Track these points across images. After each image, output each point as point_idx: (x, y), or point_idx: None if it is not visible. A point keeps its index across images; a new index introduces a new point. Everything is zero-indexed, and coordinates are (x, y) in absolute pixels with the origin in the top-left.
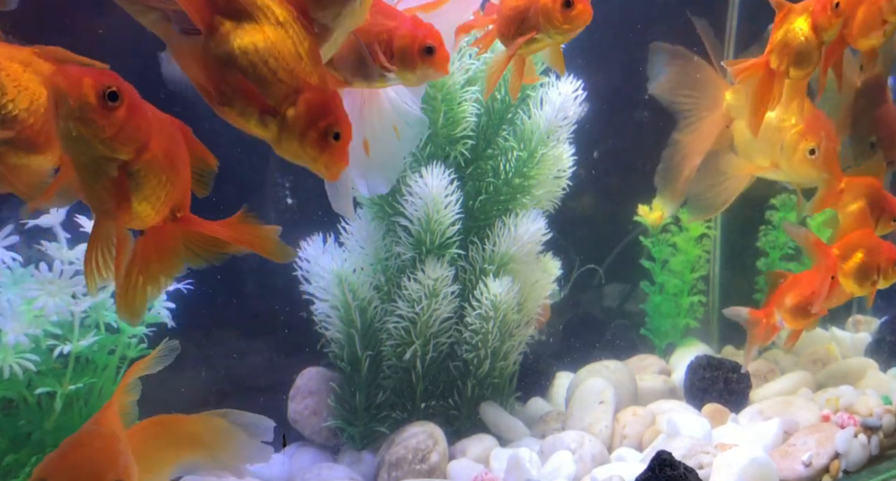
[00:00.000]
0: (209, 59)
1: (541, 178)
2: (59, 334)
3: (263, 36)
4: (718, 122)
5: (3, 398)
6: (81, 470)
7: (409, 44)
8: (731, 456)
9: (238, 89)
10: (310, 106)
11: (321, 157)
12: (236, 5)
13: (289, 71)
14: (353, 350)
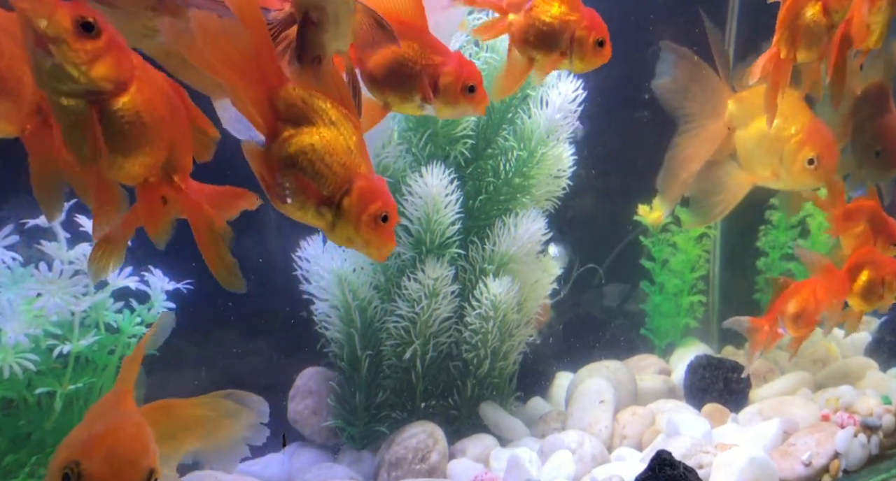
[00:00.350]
0: (273, 160)
1: (541, 178)
2: (59, 334)
3: (320, 136)
4: (720, 130)
5: (3, 398)
6: (117, 456)
7: (453, 81)
8: (730, 456)
9: (298, 186)
10: (361, 194)
11: (373, 240)
12: (296, 111)
13: (342, 164)
14: (353, 350)
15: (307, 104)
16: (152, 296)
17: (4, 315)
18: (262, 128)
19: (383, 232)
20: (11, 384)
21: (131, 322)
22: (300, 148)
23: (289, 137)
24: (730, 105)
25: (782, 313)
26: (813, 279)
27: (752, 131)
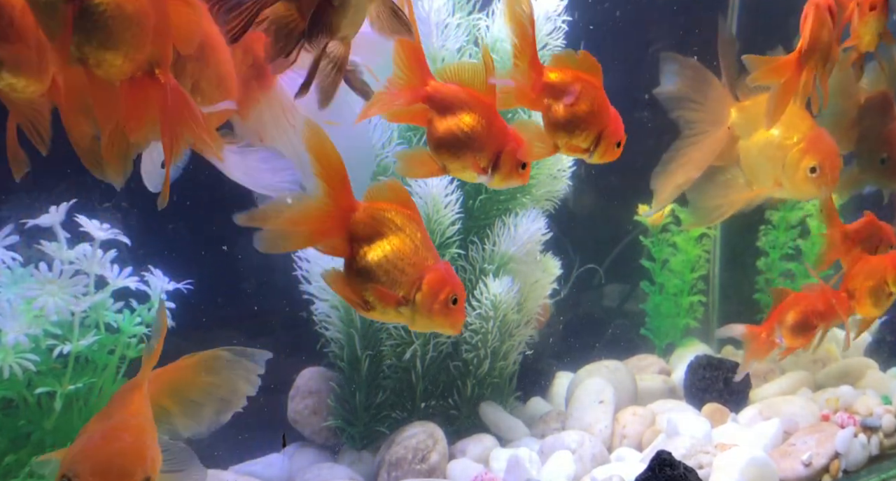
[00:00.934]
0: (353, 280)
1: (541, 178)
2: (59, 334)
3: (391, 246)
4: (722, 139)
5: (3, 398)
6: (112, 468)
7: (511, 161)
8: (731, 456)
9: (378, 296)
10: (432, 286)
11: (447, 322)
12: (366, 229)
13: (412, 265)
14: (352, 350)
15: (376, 219)
16: (152, 296)
17: (4, 315)
18: (341, 254)
19: (455, 312)
20: (11, 384)
21: (131, 322)
22: (376, 262)
23: (364, 255)
24: (733, 114)
25: (780, 323)
26: (812, 292)
27: (755, 140)
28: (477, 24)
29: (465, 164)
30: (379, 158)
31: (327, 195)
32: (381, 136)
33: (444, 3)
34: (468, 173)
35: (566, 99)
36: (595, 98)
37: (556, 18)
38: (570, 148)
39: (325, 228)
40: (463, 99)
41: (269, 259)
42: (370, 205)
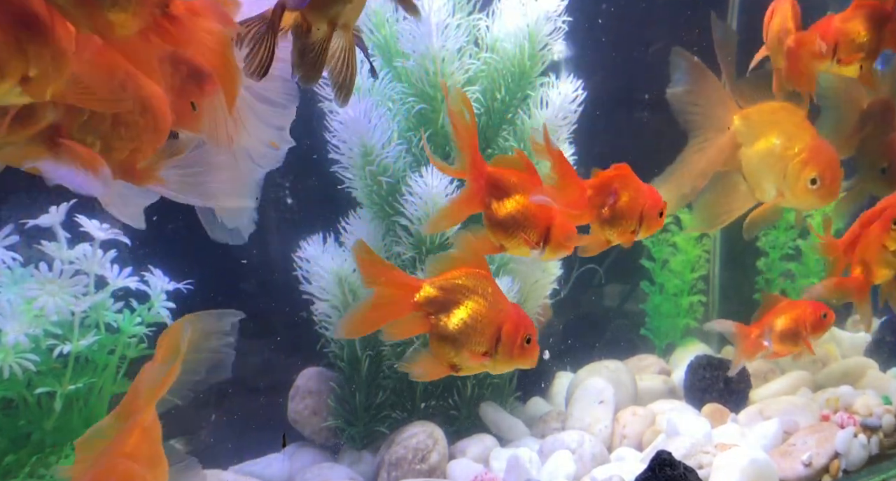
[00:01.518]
0: (438, 351)
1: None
2: (59, 334)
3: (466, 309)
4: (725, 148)
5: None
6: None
7: (561, 234)
8: (731, 456)
9: (464, 358)
10: (510, 336)
11: (526, 361)
12: (440, 302)
13: (489, 321)
14: (352, 350)
15: (446, 289)
16: (152, 296)
17: (4, 315)
18: (424, 328)
19: (531, 350)
20: (11, 384)
21: (131, 322)
22: (457, 329)
23: (445, 325)
24: (735, 121)
25: (771, 327)
26: (805, 302)
27: (757, 149)
28: (477, 24)
29: (521, 242)
30: (379, 158)
31: (392, 287)
32: (381, 137)
33: (444, 3)
34: (521, 250)
35: (609, 200)
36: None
37: (557, 19)
38: (620, 237)
39: (400, 311)
40: (517, 184)
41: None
42: (438, 279)
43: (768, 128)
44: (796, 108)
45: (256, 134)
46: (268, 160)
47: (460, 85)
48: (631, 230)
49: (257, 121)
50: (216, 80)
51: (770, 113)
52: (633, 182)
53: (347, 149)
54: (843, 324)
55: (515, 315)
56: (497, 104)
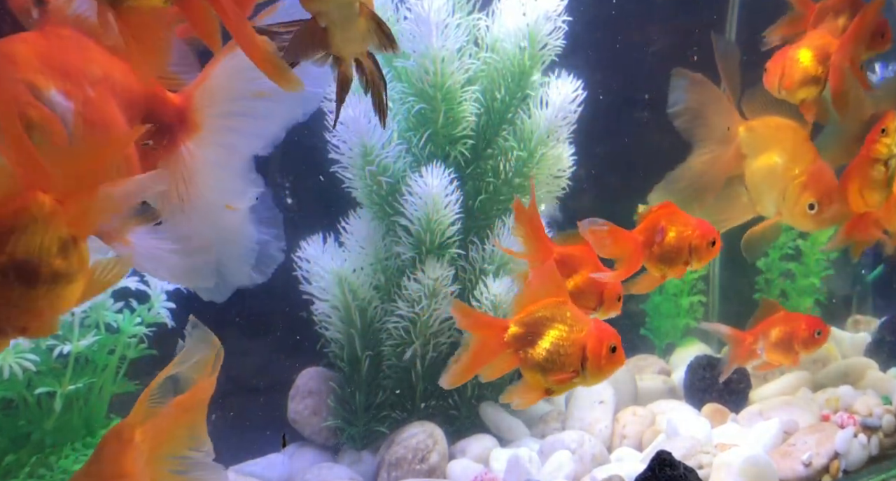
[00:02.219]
0: (531, 378)
1: (541, 178)
2: (59, 334)
3: (549, 339)
4: (731, 157)
5: (3, 398)
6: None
7: (613, 296)
8: (730, 456)
9: (558, 383)
10: (594, 352)
11: (614, 368)
12: (526, 335)
13: (573, 343)
14: (353, 350)
15: (527, 324)
16: (152, 296)
17: None
18: (514, 363)
19: (617, 358)
20: (11, 384)
21: (131, 322)
22: (545, 359)
23: (533, 357)
24: (741, 132)
25: (765, 336)
26: (801, 315)
27: (760, 163)
28: (477, 24)
29: (583, 305)
30: (379, 158)
31: (484, 330)
32: (381, 137)
33: (444, 3)
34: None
35: (658, 237)
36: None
37: (557, 18)
38: (674, 272)
39: (494, 352)
40: (581, 257)
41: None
42: (520, 316)
43: (771, 144)
44: (799, 127)
45: (214, 197)
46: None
47: (460, 85)
48: (683, 262)
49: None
50: (185, 134)
51: (774, 129)
52: (680, 217)
53: (347, 149)
54: (844, 324)
55: (596, 330)
56: (497, 104)
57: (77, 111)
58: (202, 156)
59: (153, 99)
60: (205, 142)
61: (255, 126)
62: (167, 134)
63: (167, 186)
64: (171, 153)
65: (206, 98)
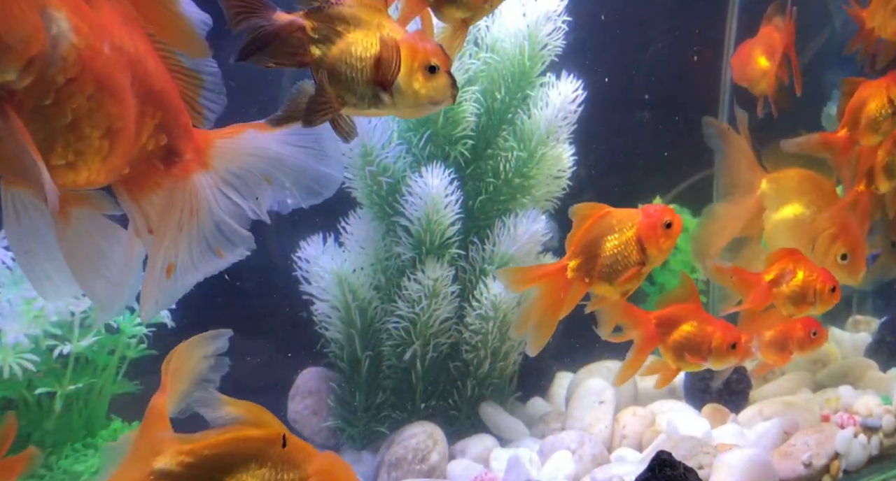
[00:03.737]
0: (600, 288)
1: (541, 178)
2: (59, 334)
3: (607, 254)
4: (751, 208)
5: (3, 398)
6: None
7: (722, 343)
8: (730, 456)
9: (625, 281)
10: (651, 239)
11: (673, 241)
12: (588, 259)
13: (628, 241)
14: (352, 350)
15: (584, 247)
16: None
17: (4, 315)
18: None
19: (674, 230)
20: (11, 384)
21: (131, 322)
22: (608, 267)
23: (597, 270)
24: (763, 184)
25: (759, 335)
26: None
27: (784, 217)
28: (477, 24)
29: (691, 362)
30: (379, 158)
31: (548, 281)
32: (381, 137)
33: None
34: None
35: (786, 277)
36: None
37: (557, 18)
38: (798, 312)
39: (564, 291)
40: (684, 314)
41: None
42: (571, 250)
43: (796, 196)
44: (824, 178)
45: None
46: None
47: (460, 85)
48: (808, 304)
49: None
50: (198, 166)
51: (799, 181)
52: (807, 263)
53: (347, 150)
54: (844, 324)
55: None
56: (497, 104)
57: (77, 47)
58: (210, 193)
59: (177, 114)
60: (212, 182)
61: (257, 196)
62: (177, 158)
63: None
64: (182, 179)
65: (225, 148)
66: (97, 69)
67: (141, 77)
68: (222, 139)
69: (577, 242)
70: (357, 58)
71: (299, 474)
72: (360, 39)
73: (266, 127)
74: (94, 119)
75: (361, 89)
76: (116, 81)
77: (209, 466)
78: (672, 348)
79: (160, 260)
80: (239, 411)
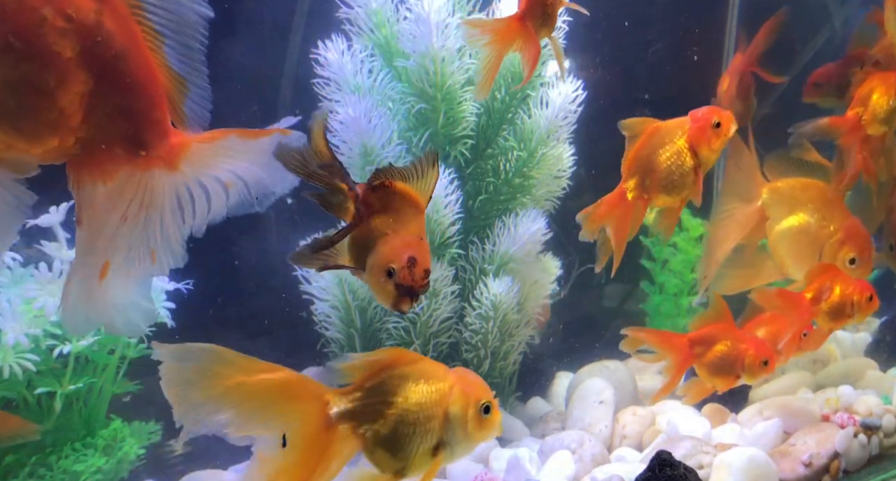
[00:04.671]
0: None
1: (541, 178)
2: (58, 334)
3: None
4: (752, 218)
5: (3, 398)
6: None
7: (755, 360)
8: (730, 456)
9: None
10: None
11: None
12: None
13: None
14: (353, 350)
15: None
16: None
17: (4, 315)
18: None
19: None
20: (11, 384)
21: None
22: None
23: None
24: (764, 194)
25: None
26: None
27: (788, 225)
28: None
29: (726, 381)
30: (379, 158)
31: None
32: (381, 137)
33: (444, 3)
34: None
35: (825, 295)
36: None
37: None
38: (833, 328)
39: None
40: (716, 334)
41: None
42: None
43: (799, 204)
44: (825, 185)
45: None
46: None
47: (460, 85)
48: (847, 316)
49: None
50: (164, 164)
51: (801, 189)
52: (843, 277)
53: (347, 149)
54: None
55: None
56: (497, 104)
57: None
58: (167, 195)
59: (150, 106)
60: (174, 186)
61: (205, 208)
62: (142, 151)
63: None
64: (141, 171)
65: (201, 153)
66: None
67: (101, 55)
68: (201, 143)
69: (631, 162)
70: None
71: (445, 382)
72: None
73: (249, 134)
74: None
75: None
76: (43, 42)
77: (378, 392)
78: (707, 367)
79: (93, 257)
80: (374, 356)
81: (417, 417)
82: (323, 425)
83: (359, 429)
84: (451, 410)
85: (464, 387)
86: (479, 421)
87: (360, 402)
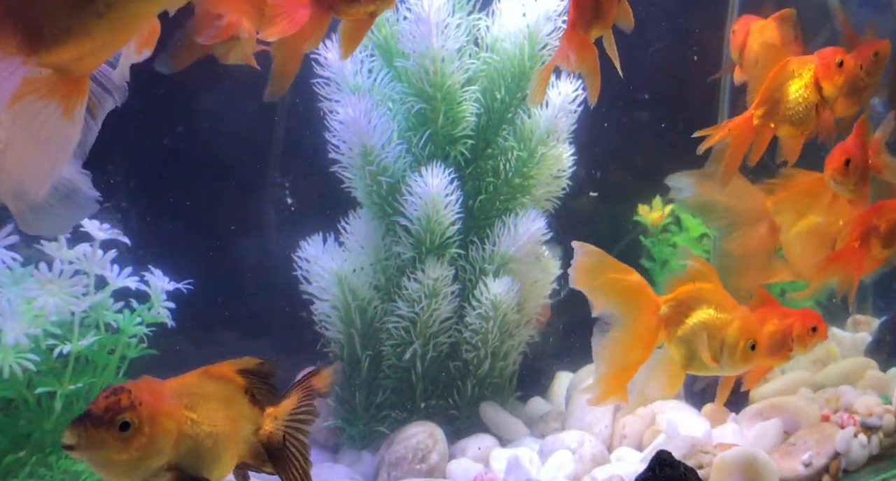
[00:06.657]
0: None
1: (541, 178)
2: (59, 334)
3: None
4: (765, 234)
5: (3, 398)
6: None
7: (803, 330)
8: (730, 456)
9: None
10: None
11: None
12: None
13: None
14: (353, 350)
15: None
16: (152, 295)
17: (4, 315)
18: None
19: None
20: (11, 384)
21: (131, 322)
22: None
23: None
24: (770, 207)
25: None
26: (789, 313)
27: (799, 230)
28: (476, 23)
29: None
30: (379, 158)
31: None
32: (381, 137)
33: (444, 3)
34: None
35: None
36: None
37: (557, 19)
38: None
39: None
40: (762, 317)
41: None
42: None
43: (805, 209)
44: (824, 186)
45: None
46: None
47: (460, 85)
48: (789, 349)
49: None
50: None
51: (804, 195)
52: (781, 310)
53: (347, 149)
54: (844, 324)
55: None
56: (497, 104)
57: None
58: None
59: None
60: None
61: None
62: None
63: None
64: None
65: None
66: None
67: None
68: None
69: (764, 92)
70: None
71: (732, 314)
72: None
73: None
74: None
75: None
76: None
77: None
78: (764, 350)
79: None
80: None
81: (703, 333)
82: (655, 318)
83: (669, 327)
84: (727, 337)
85: (743, 322)
86: (744, 354)
87: (673, 311)
